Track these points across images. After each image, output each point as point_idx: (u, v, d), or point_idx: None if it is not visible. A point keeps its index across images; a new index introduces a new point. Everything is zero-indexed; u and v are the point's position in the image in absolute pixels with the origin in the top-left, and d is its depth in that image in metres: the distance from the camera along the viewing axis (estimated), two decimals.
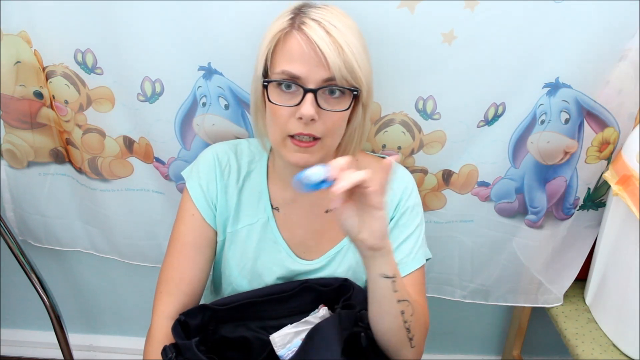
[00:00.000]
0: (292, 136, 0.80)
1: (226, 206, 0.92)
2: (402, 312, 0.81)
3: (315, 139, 0.80)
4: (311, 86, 0.77)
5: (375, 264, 0.77)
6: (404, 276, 0.90)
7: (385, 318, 0.82)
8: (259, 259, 0.92)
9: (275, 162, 0.93)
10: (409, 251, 0.91)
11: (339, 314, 0.82)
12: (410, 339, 0.84)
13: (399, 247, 0.91)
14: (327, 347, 0.78)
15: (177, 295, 0.89)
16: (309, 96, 0.77)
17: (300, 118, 0.78)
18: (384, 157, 0.98)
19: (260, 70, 0.81)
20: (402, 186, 0.93)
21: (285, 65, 0.77)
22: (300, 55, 0.76)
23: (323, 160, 0.81)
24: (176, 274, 0.90)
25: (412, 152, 1.07)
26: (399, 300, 0.80)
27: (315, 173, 0.69)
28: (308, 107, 0.77)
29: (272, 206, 0.93)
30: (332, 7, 0.81)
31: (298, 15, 0.79)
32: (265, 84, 0.80)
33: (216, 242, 0.94)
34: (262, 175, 0.93)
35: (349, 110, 0.82)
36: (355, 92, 0.79)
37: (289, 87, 0.78)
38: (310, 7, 0.80)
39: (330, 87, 0.78)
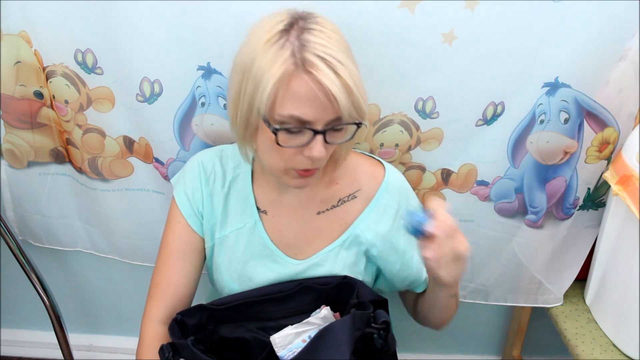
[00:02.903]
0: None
1: (212, 212, 0.92)
2: (455, 305, 0.94)
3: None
4: (319, 127, 0.75)
5: (446, 290, 0.87)
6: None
7: (443, 313, 0.94)
8: (248, 263, 0.92)
9: (261, 165, 0.92)
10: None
11: (354, 314, 0.82)
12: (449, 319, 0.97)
13: (409, 253, 0.95)
14: (337, 348, 0.78)
15: (164, 300, 0.91)
16: (319, 138, 0.76)
17: (308, 156, 0.77)
18: (377, 159, 0.98)
19: (257, 105, 0.75)
20: (397, 193, 0.94)
21: (293, 110, 0.74)
22: (310, 100, 0.73)
23: (318, 176, 0.85)
24: (163, 280, 0.91)
25: (409, 149, 1.07)
26: (456, 303, 0.94)
27: (421, 218, 0.75)
28: (319, 149, 0.76)
29: (259, 209, 0.93)
30: (322, 20, 0.77)
31: (299, 48, 0.72)
32: (275, 131, 0.75)
33: (204, 248, 0.94)
34: (247, 179, 0.93)
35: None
36: (359, 124, 0.78)
37: (297, 129, 0.76)
38: (305, 29, 0.74)
39: (337, 125, 0.77)
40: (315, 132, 0.75)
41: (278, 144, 0.76)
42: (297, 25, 0.74)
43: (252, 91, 0.75)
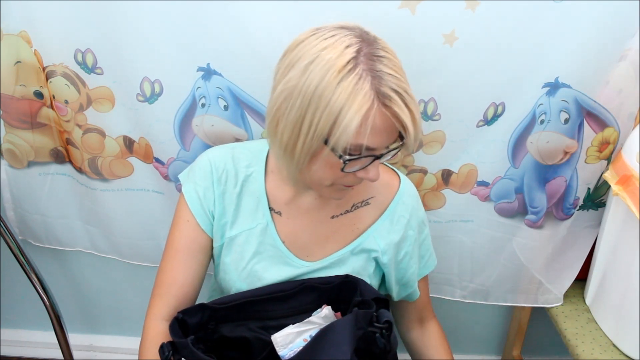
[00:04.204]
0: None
1: (224, 212, 0.91)
2: None
3: None
4: (378, 153, 0.76)
5: None
6: (421, 278, 1.02)
7: None
8: (258, 264, 0.92)
9: (278, 166, 0.91)
10: (428, 255, 1.02)
11: (356, 313, 0.82)
12: None
13: (422, 255, 1.00)
14: (338, 347, 0.78)
15: (168, 298, 0.90)
16: (377, 162, 0.77)
17: (363, 177, 0.79)
18: (392, 168, 0.99)
19: (333, 137, 0.73)
20: (410, 204, 0.95)
21: (365, 140, 0.73)
22: (384, 131, 0.74)
23: None
24: (168, 278, 0.91)
25: (411, 152, 1.07)
26: None
27: None
28: (376, 172, 0.78)
29: (272, 209, 0.92)
30: (383, 43, 0.76)
31: (376, 80, 0.71)
32: (345, 162, 0.75)
33: (211, 247, 0.94)
34: (260, 179, 0.92)
35: None
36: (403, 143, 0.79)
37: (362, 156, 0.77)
38: (374, 56, 0.73)
39: (394, 150, 0.78)
40: (375, 157, 0.77)
41: (343, 170, 0.77)
42: (363, 51, 0.72)
43: (325, 122, 0.72)
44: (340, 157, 0.75)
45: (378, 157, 0.77)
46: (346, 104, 0.70)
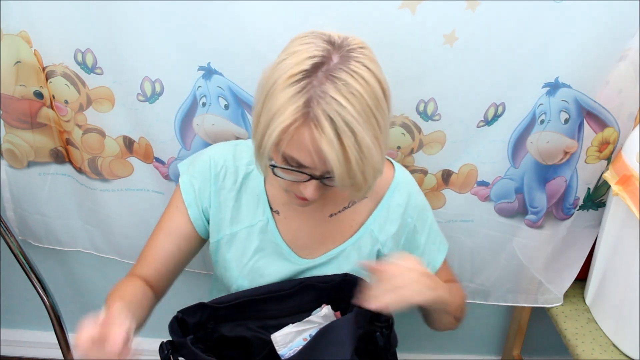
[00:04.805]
0: None
1: (220, 209, 0.92)
2: (455, 317, 0.93)
3: None
4: (317, 174, 0.75)
5: (432, 307, 0.84)
6: (438, 269, 0.98)
7: (441, 324, 0.95)
8: (260, 261, 0.92)
9: None
10: (439, 240, 0.99)
11: (357, 312, 0.82)
12: (458, 320, 0.97)
13: (426, 246, 0.97)
14: (338, 347, 0.78)
15: (142, 265, 0.94)
16: (314, 182, 0.76)
17: (302, 193, 0.78)
18: (386, 158, 0.98)
19: (265, 140, 0.73)
20: (406, 192, 0.94)
21: (294, 153, 0.73)
22: (309, 151, 0.71)
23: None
24: (147, 250, 0.95)
25: (412, 152, 1.07)
26: (454, 316, 0.93)
27: None
28: (311, 192, 0.77)
29: (271, 209, 0.93)
30: (356, 66, 0.71)
31: (315, 99, 0.69)
32: (272, 167, 0.76)
33: (195, 239, 0.94)
34: (259, 177, 0.93)
35: None
36: None
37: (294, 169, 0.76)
38: (331, 76, 0.70)
39: (327, 178, 0.76)
40: (312, 177, 0.75)
41: (274, 174, 0.77)
42: (327, 65, 0.71)
43: (264, 125, 0.73)
44: (269, 160, 0.75)
45: (316, 178, 0.75)
46: (278, 112, 0.70)
